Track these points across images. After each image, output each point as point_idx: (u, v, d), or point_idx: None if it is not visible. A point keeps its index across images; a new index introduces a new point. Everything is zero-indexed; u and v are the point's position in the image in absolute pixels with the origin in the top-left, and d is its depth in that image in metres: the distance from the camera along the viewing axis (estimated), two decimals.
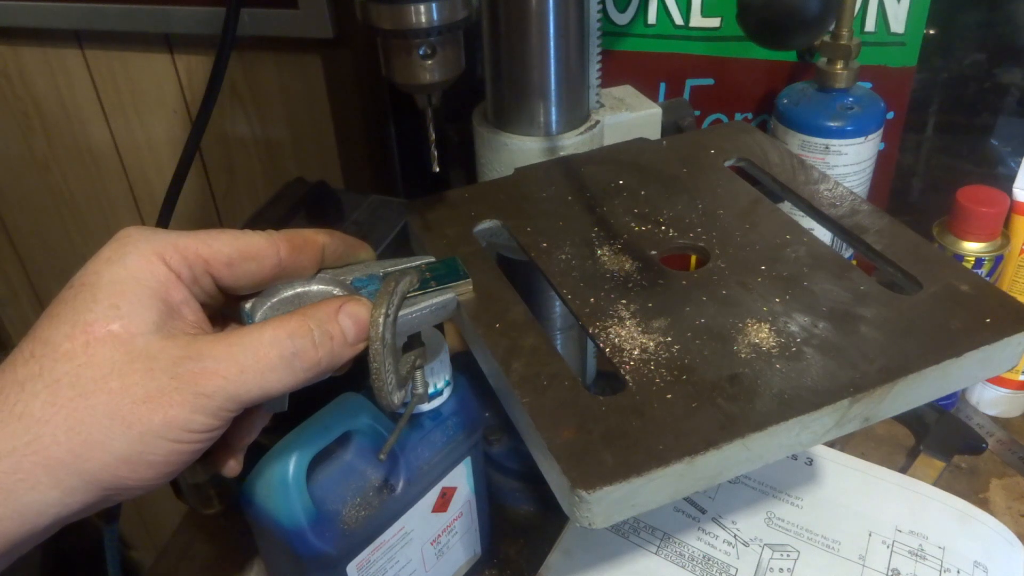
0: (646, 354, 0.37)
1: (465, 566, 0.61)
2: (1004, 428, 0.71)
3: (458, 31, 0.43)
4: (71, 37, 1.06)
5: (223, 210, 1.16)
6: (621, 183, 0.51)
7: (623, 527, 0.59)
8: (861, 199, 0.48)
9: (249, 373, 0.34)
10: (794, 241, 0.44)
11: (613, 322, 0.39)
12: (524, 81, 0.55)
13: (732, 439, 0.33)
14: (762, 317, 0.39)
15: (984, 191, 0.65)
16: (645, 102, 0.62)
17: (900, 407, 0.36)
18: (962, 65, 0.78)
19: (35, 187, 1.24)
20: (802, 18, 0.38)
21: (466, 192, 0.51)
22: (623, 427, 0.33)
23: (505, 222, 0.48)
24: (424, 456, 0.51)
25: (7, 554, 0.32)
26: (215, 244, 0.36)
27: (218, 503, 0.68)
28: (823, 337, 0.38)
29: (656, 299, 0.41)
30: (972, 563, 0.56)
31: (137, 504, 1.46)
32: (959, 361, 0.36)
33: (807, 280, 0.41)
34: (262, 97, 1.03)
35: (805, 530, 0.59)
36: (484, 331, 0.39)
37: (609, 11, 0.78)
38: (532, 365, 0.37)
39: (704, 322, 0.39)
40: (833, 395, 0.34)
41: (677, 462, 0.32)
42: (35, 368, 0.32)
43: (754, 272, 0.42)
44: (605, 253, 0.44)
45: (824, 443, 0.50)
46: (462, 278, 0.42)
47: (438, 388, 0.52)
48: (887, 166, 0.78)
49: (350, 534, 0.48)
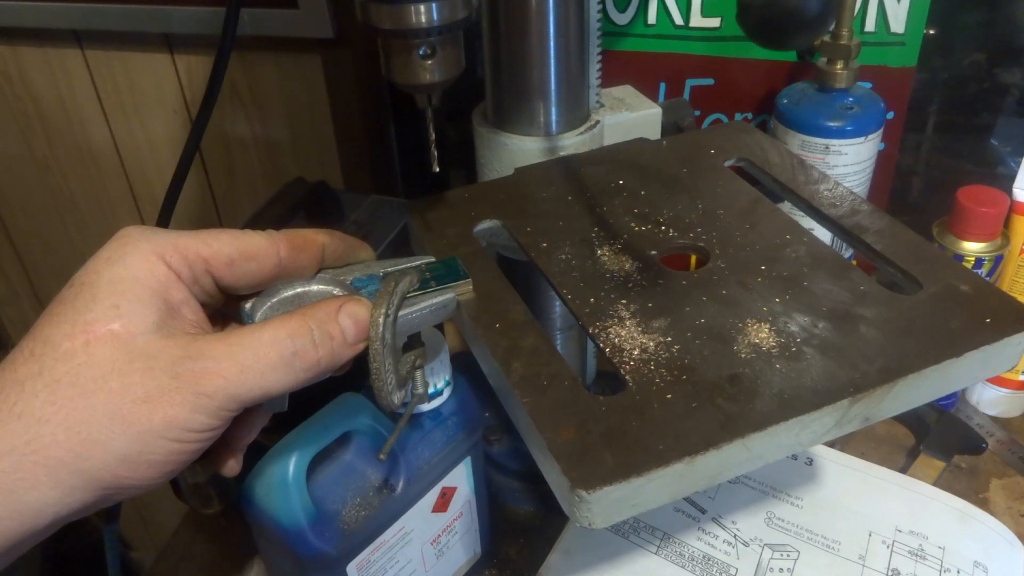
0: (646, 354, 0.37)
1: (465, 566, 0.61)
2: (1004, 428, 0.71)
3: (458, 31, 0.43)
4: (71, 37, 1.06)
5: (223, 210, 1.16)
6: (621, 183, 0.51)
7: (623, 527, 0.59)
8: (861, 199, 0.48)
9: (249, 373, 0.34)
10: (794, 241, 0.44)
11: (613, 322, 0.39)
12: (524, 81, 0.55)
13: (732, 439, 0.33)
14: (762, 317, 0.39)
15: (984, 191, 0.65)
16: (645, 102, 0.62)
17: (900, 407, 0.36)
18: (962, 65, 0.78)
19: (35, 187, 1.24)
20: (802, 18, 0.37)
21: (466, 192, 0.51)
22: (623, 427, 0.33)
23: (505, 222, 0.48)
24: (424, 456, 0.51)
25: (6, 553, 0.32)
26: (215, 244, 0.36)
27: (218, 503, 0.68)
28: (823, 337, 0.38)
29: (656, 299, 0.41)
30: (972, 563, 0.56)
31: (137, 504, 1.46)
32: (959, 361, 0.36)
33: (807, 280, 0.41)
34: (262, 97, 1.03)
35: (805, 530, 0.59)
36: (484, 331, 0.39)
37: (609, 11, 0.78)
38: (532, 365, 0.37)
39: (704, 322, 0.39)
40: (833, 395, 0.34)
41: (677, 462, 0.32)
42: (35, 367, 0.32)
43: (754, 272, 0.42)
44: (605, 253, 0.44)
45: (824, 443, 0.50)
46: (462, 278, 0.42)
47: (438, 388, 0.52)
48: (887, 166, 0.78)
49: (350, 534, 0.48)
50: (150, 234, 0.36)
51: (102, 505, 0.33)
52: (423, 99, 0.45)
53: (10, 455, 0.31)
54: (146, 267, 0.34)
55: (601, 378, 0.74)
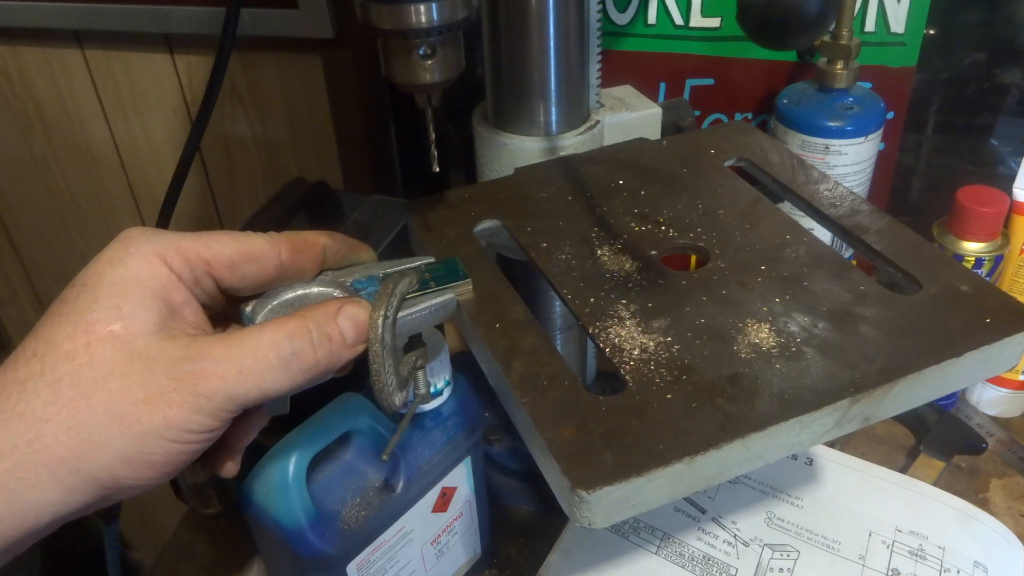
0: (646, 354, 0.37)
1: (465, 566, 0.61)
2: (1004, 428, 0.71)
3: (458, 31, 0.43)
4: (71, 37, 1.06)
5: (223, 210, 1.16)
6: (621, 183, 0.51)
7: (623, 527, 0.59)
8: (861, 199, 0.48)
9: (248, 374, 0.34)
10: (794, 241, 0.44)
11: (613, 322, 0.39)
12: (524, 81, 0.55)
13: (732, 439, 0.33)
14: (762, 317, 0.39)
15: (984, 191, 0.65)
16: (645, 102, 0.62)
17: (900, 407, 0.36)
18: (962, 65, 0.78)
19: (35, 187, 1.24)
20: (802, 18, 0.37)
21: (466, 192, 0.51)
22: (623, 427, 0.33)
23: (505, 222, 0.48)
24: (424, 456, 0.51)
25: (6, 551, 0.32)
26: (216, 246, 0.36)
27: (218, 503, 0.68)
28: (823, 337, 0.38)
29: (656, 299, 0.41)
30: (972, 563, 0.56)
31: (137, 504, 1.46)
32: (959, 361, 0.36)
33: (807, 280, 0.41)
34: (262, 97, 1.03)
35: (805, 530, 0.59)
36: (484, 331, 0.39)
37: (609, 11, 0.78)
38: (532, 365, 0.37)
39: (704, 322, 0.39)
40: (833, 395, 0.34)
41: (677, 462, 0.32)
42: (36, 367, 0.32)
43: (754, 272, 0.42)
44: (605, 253, 0.44)
45: (824, 443, 0.50)
46: (462, 278, 0.42)
47: (438, 388, 0.52)
48: (887, 166, 0.78)
49: (350, 534, 0.48)
50: (152, 236, 0.36)
51: (102, 505, 0.33)
52: (423, 99, 0.45)
53: (11, 454, 0.31)
54: (147, 269, 0.34)
55: (601, 378, 0.74)
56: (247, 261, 0.37)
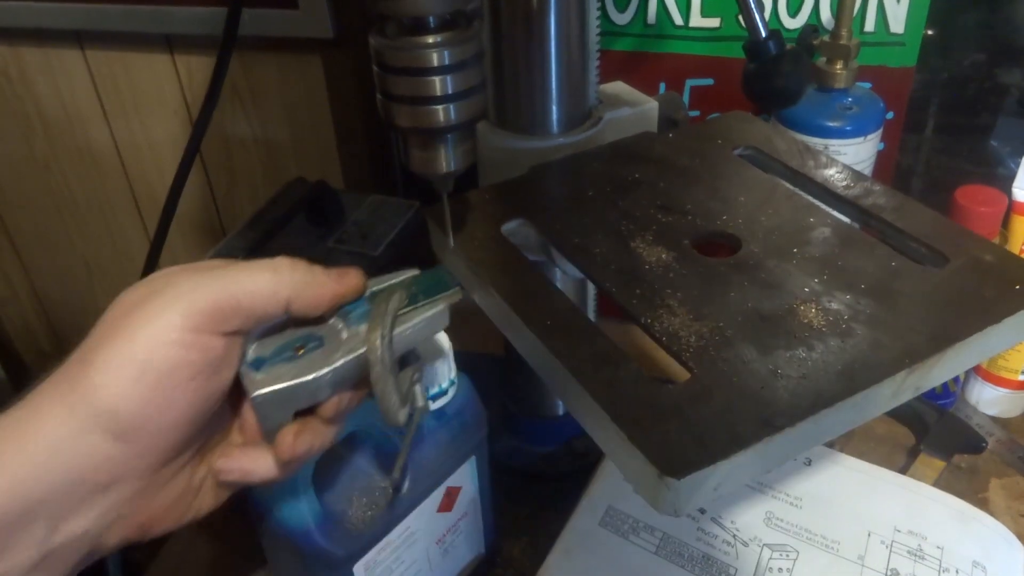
0: (703, 340, 0.37)
1: (470, 565, 0.62)
2: (1004, 428, 0.72)
3: (474, 125, 0.43)
4: (71, 37, 1.06)
5: (223, 210, 1.16)
6: (637, 176, 0.51)
7: (623, 527, 0.59)
8: (872, 179, 0.48)
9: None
10: (818, 223, 0.45)
11: (663, 311, 0.39)
12: (525, 80, 0.55)
13: (804, 417, 0.33)
14: (806, 298, 0.39)
15: (983, 191, 0.65)
16: (641, 97, 0.62)
17: (947, 375, 0.37)
18: (962, 65, 0.78)
19: (36, 188, 1.24)
20: (786, 97, 0.58)
21: (486, 193, 0.51)
22: (697, 412, 0.33)
23: (531, 220, 0.48)
24: (429, 456, 0.51)
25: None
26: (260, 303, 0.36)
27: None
28: (868, 313, 0.38)
29: (700, 286, 0.41)
30: (971, 563, 0.56)
31: None
32: (998, 328, 0.37)
33: (840, 259, 0.42)
34: (262, 97, 1.03)
35: (804, 530, 0.59)
36: (536, 330, 0.39)
37: (609, 11, 0.78)
38: (593, 357, 0.37)
39: (752, 306, 0.39)
40: (890, 367, 0.35)
41: (757, 443, 0.32)
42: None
43: (787, 255, 0.43)
44: (638, 245, 0.44)
45: (823, 443, 0.50)
46: (450, 287, 0.42)
47: (442, 388, 0.52)
48: (887, 166, 0.78)
49: (357, 534, 0.48)
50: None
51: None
52: (441, 184, 0.45)
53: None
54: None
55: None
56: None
